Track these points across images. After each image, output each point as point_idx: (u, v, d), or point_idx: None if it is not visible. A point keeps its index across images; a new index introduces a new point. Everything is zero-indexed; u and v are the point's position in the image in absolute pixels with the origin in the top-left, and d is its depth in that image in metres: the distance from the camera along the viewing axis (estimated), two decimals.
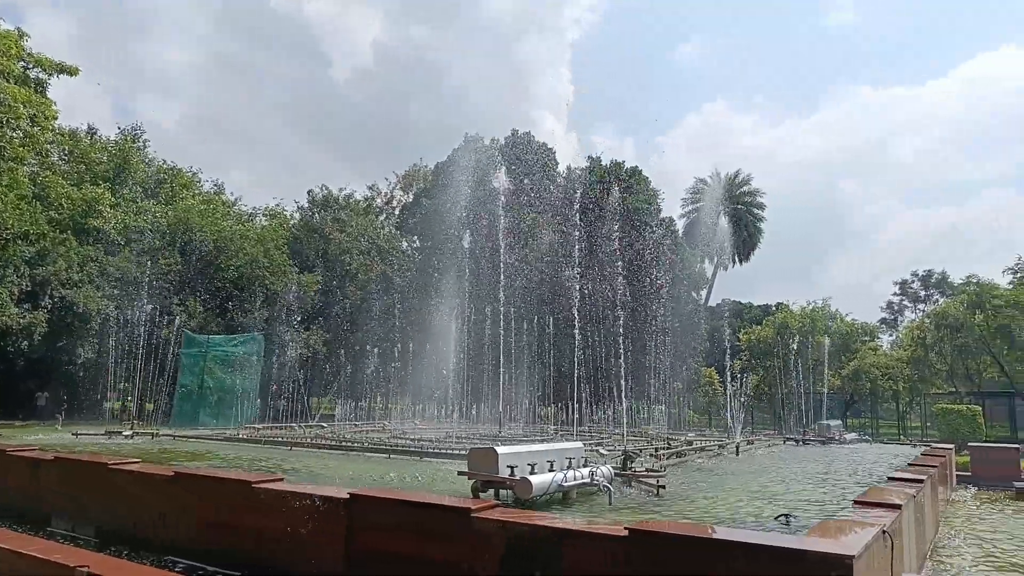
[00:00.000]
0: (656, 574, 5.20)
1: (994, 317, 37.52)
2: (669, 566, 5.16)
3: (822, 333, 44.29)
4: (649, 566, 5.23)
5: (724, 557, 4.97)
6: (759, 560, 4.84)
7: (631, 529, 5.32)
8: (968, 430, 28.77)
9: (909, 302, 66.52)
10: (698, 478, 11.76)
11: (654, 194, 46.94)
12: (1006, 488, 17.88)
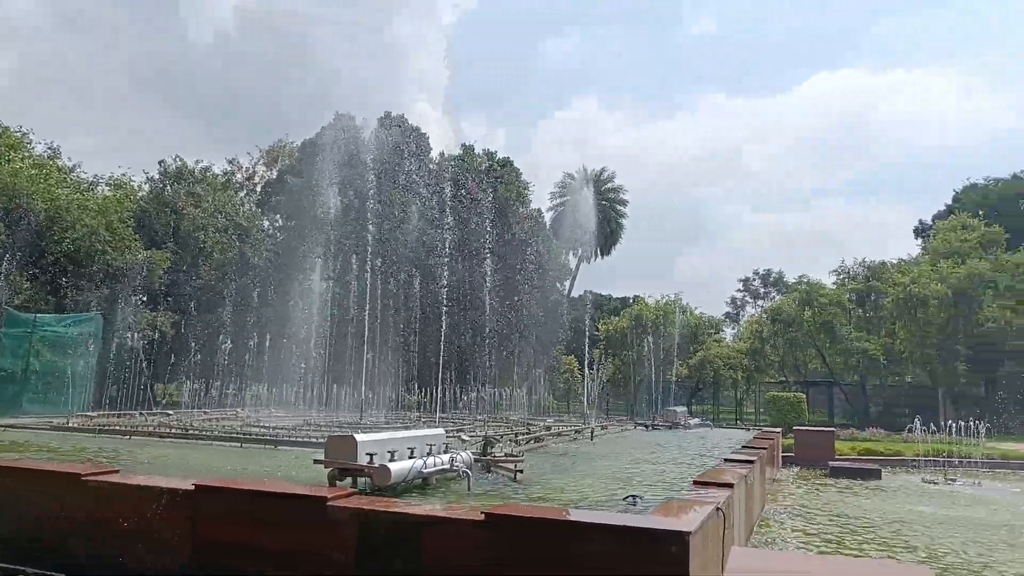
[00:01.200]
0: (512, 556, 5.35)
1: (820, 314, 41.72)
2: (525, 548, 5.32)
3: (673, 325, 47.26)
4: (506, 549, 5.37)
5: (575, 537, 5.21)
6: (607, 539, 5.11)
7: (488, 513, 5.43)
8: (794, 416, 31.77)
9: (750, 298, 72.42)
10: (555, 462, 12.18)
11: (524, 186, 47.82)
12: (822, 467, 19.98)
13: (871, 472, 18.99)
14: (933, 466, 20.23)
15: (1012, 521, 12.86)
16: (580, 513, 5.80)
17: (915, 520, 12.70)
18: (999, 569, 9.18)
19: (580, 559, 5.11)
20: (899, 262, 46.40)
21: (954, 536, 11.31)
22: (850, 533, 11.50)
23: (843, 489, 16.71)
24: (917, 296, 37.72)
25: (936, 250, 43.75)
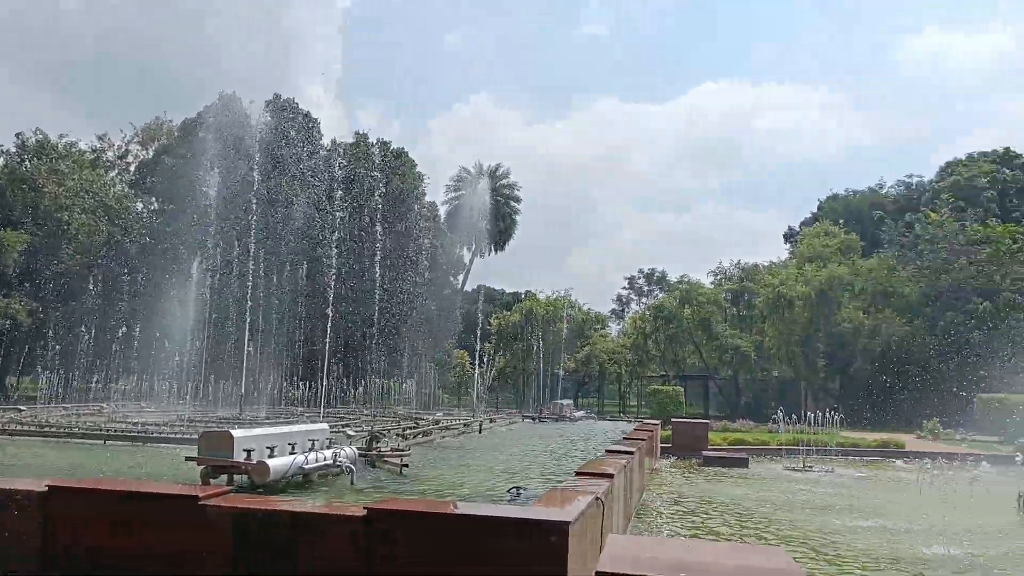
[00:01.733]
0: (394, 551, 5.30)
1: (698, 312, 44.05)
2: (407, 543, 5.28)
3: (563, 321, 48.43)
4: (387, 544, 5.31)
5: (457, 530, 5.23)
6: (489, 531, 5.16)
7: (369, 508, 5.35)
8: (673, 408, 33.39)
9: (635, 296, 75.22)
10: (442, 456, 12.20)
11: (419, 178, 47.37)
12: (697, 457, 21.12)
13: (740, 461, 20.28)
14: (794, 454, 21.82)
15: (853, 503, 14.13)
16: (462, 506, 5.84)
17: (775, 503, 13.70)
18: (839, 542, 10.09)
19: (461, 552, 5.14)
20: (770, 265, 49.82)
21: (804, 515, 12.30)
22: (717, 517, 12.26)
23: (714, 477, 17.75)
24: (785, 297, 40.59)
25: (802, 254, 47.22)
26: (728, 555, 4.66)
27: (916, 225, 45.27)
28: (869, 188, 63.46)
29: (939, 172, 58.10)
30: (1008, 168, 55.66)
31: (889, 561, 9.38)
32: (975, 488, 14.98)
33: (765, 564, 4.19)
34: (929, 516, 12.80)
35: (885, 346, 38.68)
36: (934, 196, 51.45)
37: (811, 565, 9.15)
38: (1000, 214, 48.18)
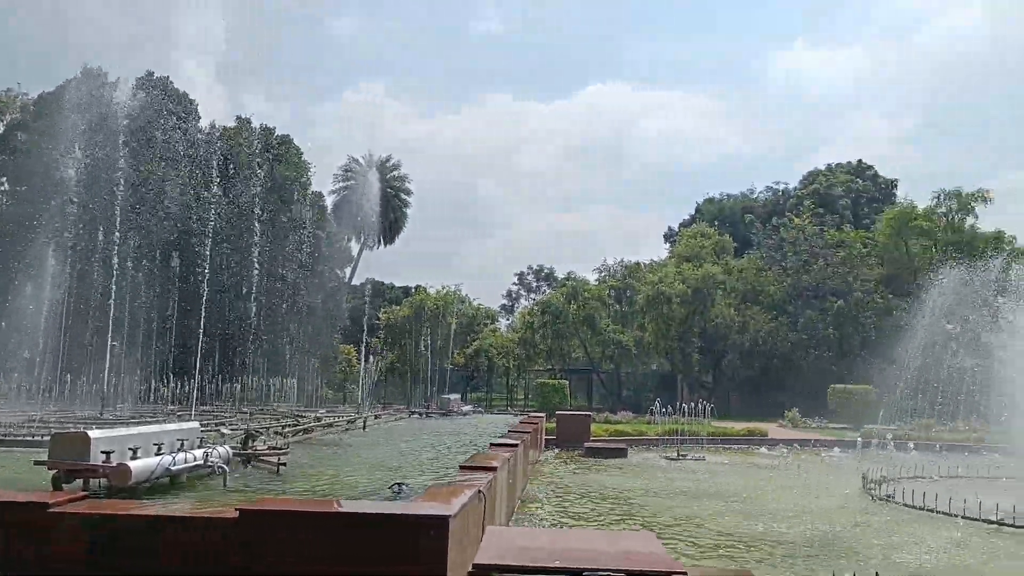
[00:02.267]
0: (269, 553, 5.11)
1: (583, 308, 45.34)
2: (282, 544, 5.11)
3: (453, 315, 48.42)
4: (261, 546, 5.11)
5: (335, 529, 5.12)
6: (368, 528, 5.09)
7: (241, 510, 5.13)
8: (558, 401, 34.22)
9: (524, 291, 76.35)
10: (324, 454, 11.89)
11: (305, 166, 45.79)
12: (580, 448, 21.74)
13: (619, 451, 21.09)
14: (670, 444, 22.95)
15: (720, 489, 15.07)
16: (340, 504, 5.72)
17: (650, 490, 14.37)
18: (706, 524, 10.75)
19: (340, 550, 5.04)
20: (651, 263, 52.05)
21: (676, 501, 13.00)
22: (597, 505, 12.70)
23: (595, 467, 18.36)
24: (663, 294, 42.55)
25: (680, 254, 49.66)
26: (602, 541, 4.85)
27: (781, 229, 48.76)
28: (741, 193, 67.70)
29: (802, 180, 62.87)
30: (861, 179, 61.12)
31: (749, 539, 10.08)
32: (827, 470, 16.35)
33: (635, 548, 4.39)
34: (786, 498, 13.87)
35: (753, 341, 41.40)
36: (798, 202, 55.64)
37: (679, 546, 9.68)
38: (853, 221, 52.84)
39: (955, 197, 40.93)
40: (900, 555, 9.33)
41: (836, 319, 39.36)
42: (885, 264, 42.26)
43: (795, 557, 9.12)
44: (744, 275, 45.50)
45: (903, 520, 11.68)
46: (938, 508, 11.80)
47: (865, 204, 57.57)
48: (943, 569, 8.58)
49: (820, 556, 9.15)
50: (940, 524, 11.25)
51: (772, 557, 9.22)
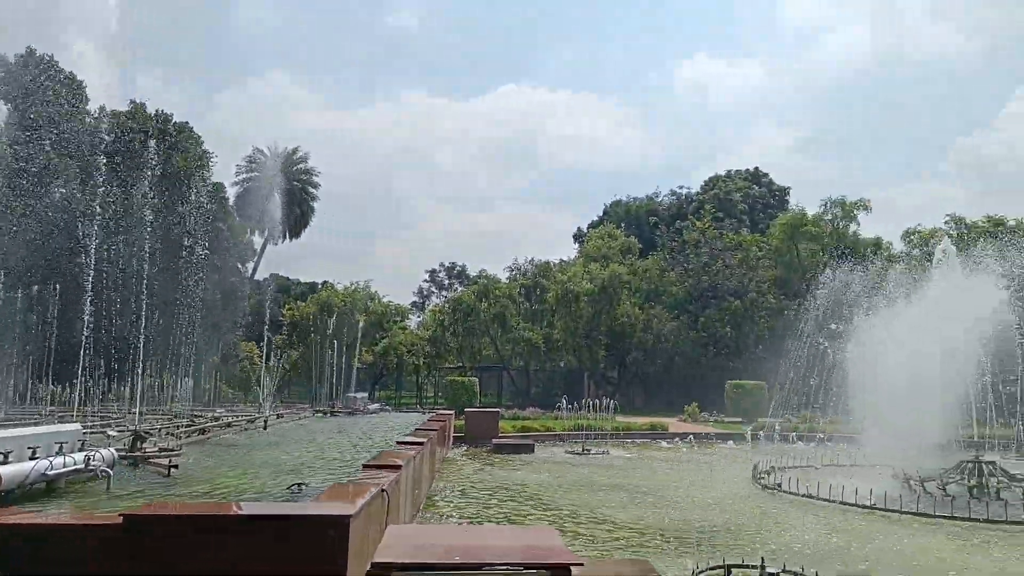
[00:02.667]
0: (158, 560, 4.86)
1: (494, 305, 45.58)
2: (171, 550, 4.87)
3: (362, 312, 47.52)
4: (149, 553, 4.85)
5: (229, 532, 4.93)
6: (265, 530, 4.93)
7: (126, 515, 4.86)
8: (467, 398, 34.24)
9: (436, 289, 75.94)
10: (221, 454, 11.42)
11: (205, 155, 43.69)
12: (488, 445, 21.86)
13: (526, 447, 21.35)
14: (575, 439, 23.44)
15: (620, 481, 15.54)
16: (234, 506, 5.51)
17: (554, 485, 14.63)
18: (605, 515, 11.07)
19: (236, 554, 4.85)
20: (560, 262, 52.95)
21: (578, 495, 13.30)
22: (503, 501, 12.82)
23: (503, 463, 18.51)
24: (572, 292, 43.42)
25: (588, 254, 50.78)
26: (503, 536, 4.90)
27: (684, 232, 50.76)
28: (647, 196, 69.86)
29: (704, 185, 65.62)
30: (758, 185, 64.44)
31: (647, 529, 10.45)
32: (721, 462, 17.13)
33: (535, 542, 4.46)
34: (683, 489, 14.46)
35: (656, 339, 42.90)
36: (699, 207, 58.03)
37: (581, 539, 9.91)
38: (750, 225, 55.65)
39: (840, 205, 43.90)
40: (786, 540, 9.92)
41: (733, 318, 41.36)
42: (778, 267, 44.77)
43: (690, 545, 9.54)
44: (648, 275, 47.03)
45: (789, 507, 12.43)
46: (820, 495, 12.63)
47: (761, 210, 60.73)
48: (824, 551, 9.18)
49: (713, 543, 9.60)
50: (821, 510, 12.05)
51: (669, 545, 9.60)
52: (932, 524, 10.96)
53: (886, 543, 9.78)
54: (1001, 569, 8.54)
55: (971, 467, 13.11)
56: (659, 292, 46.04)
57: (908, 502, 11.62)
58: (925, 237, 39.08)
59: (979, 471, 12.96)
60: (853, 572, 8.13)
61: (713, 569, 7.77)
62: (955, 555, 9.22)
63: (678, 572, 7.93)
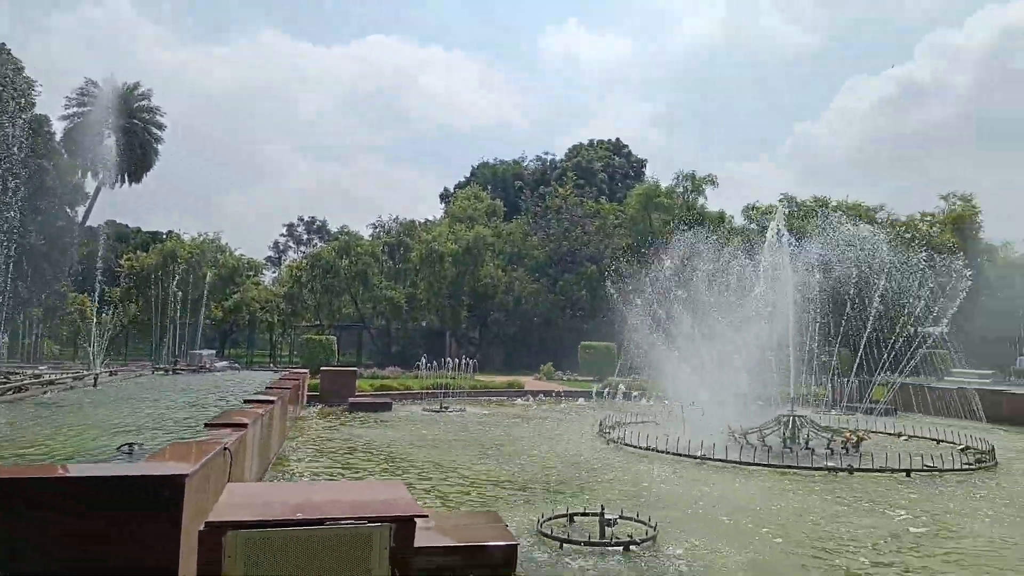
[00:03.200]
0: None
1: (356, 263, 44.49)
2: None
3: (210, 265, 44.66)
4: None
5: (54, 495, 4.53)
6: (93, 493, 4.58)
7: None
8: (325, 357, 33.42)
9: (293, 243, 72.98)
10: (41, 415, 10.41)
11: (28, 84, 38.67)
12: (344, 404, 21.54)
13: (384, 405, 21.27)
14: (434, 397, 23.64)
15: (476, 437, 15.93)
16: (59, 468, 5.07)
17: (409, 442, 14.73)
18: (460, 471, 11.34)
19: (60, 519, 4.47)
20: (425, 222, 52.51)
21: (433, 451, 13.51)
22: (355, 458, 12.73)
23: (358, 422, 18.32)
24: (437, 252, 43.27)
25: (454, 214, 50.71)
26: (350, 492, 4.87)
27: (546, 197, 51.91)
28: (514, 160, 70.62)
29: (567, 153, 67.29)
30: (618, 156, 67.01)
31: (499, 482, 10.82)
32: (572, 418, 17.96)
33: (382, 496, 4.47)
34: (535, 443, 15.06)
35: (517, 301, 43.89)
36: (562, 173, 59.51)
37: (433, 493, 10.08)
38: (609, 194, 57.90)
39: (690, 179, 46.69)
40: (626, 489, 10.64)
41: (589, 283, 43.10)
42: (633, 235, 47.03)
43: (539, 495, 9.98)
44: (512, 238, 47.79)
45: (630, 459, 13.32)
46: (658, 448, 13.65)
47: (620, 180, 63.32)
48: (658, 498, 9.95)
49: (560, 493, 10.11)
50: (658, 461, 13.02)
51: (518, 496, 9.99)
52: (752, 471, 12.18)
53: (712, 489, 10.75)
54: (805, 507, 9.66)
55: (786, 421, 14.66)
56: (522, 255, 46.97)
57: (733, 453, 12.82)
58: (762, 212, 42.57)
59: (793, 424, 14.52)
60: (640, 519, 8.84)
61: (557, 517, 8.20)
62: (767, 497, 10.33)
63: (525, 521, 8.30)
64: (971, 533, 8.55)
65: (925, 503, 10.11)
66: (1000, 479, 12.20)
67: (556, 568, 6.80)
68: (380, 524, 3.71)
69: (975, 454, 13.87)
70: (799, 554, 7.48)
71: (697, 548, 7.50)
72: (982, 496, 10.77)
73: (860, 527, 8.61)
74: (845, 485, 11.28)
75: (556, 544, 7.36)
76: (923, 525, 8.84)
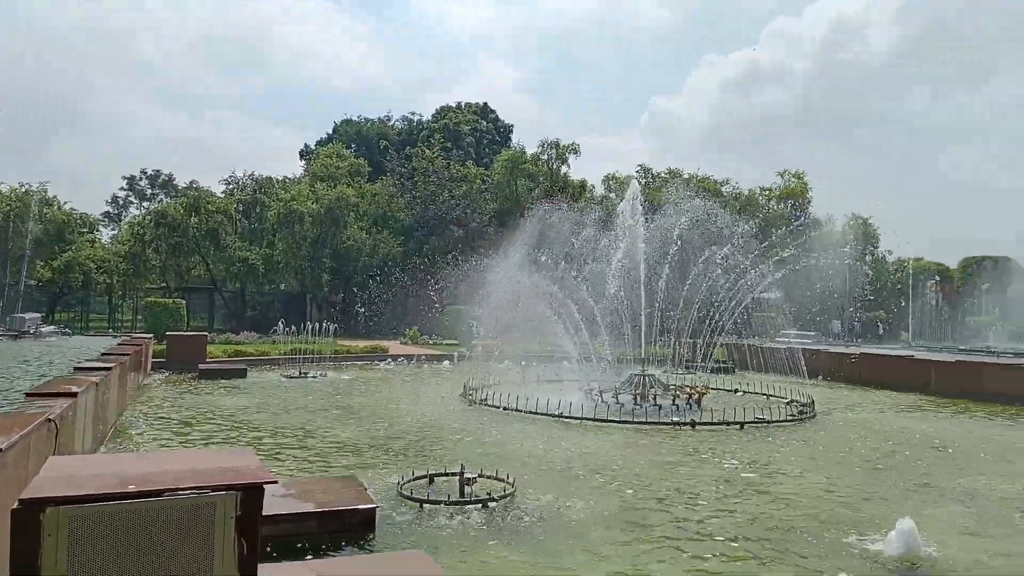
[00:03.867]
0: None
1: (207, 221, 41.57)
2: None
3: (35, 220, 40.07)
4: None
5: None
6: None
7: None
8: (172, 321, 31.11)
9: (135, 199, 67.06)
10: None
11: None
12: (194, 370, 20.28)
13: (238, 372, 20.26)
14: (293, 363, 22.81)
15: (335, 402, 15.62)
16: None
17: (265, 409, 14.16)
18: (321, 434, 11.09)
19: None
20: (284, 179, 49.88)
21: (292, 416, 13.09)
22: (206, 426, 12.06)
23: (210, 389, 17.34)
24: (296, 212, 41.35)
25: (315, 173, 48.60)
26: (191, 460, 4.56)
27: (413, 159, 50.95)
28: (379, 119, 68.59)
29: (435, 114, 66.27)
30: (485, 120, 66.91)
31: (361, 445, 10.67)
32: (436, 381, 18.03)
33: (229, 464, 4.23)
34: (398, 406, 14.98)
35: (382, 264, 43.05)
36: (429, 135, 58.58)
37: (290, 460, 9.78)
38: (476, 158, 57.82)
39: (554, 147, 47.60)
40: (486, 448, 10.86)
41: (455, 246, 43.07)
42: (499, 200, 47.40)
43: (401, 457, 9.95)
44: (377, 200, 46.64)
45: (492, 419, 13.59)
46: (519, 408, 14.02)
47: (487, 144, 63.38)
48: (517, 455, 10.23)
49: (422, 455, 10.14)
50: (519, 420, 13.39)
51: (381, 459, 9.91)
52: (607, 428, 12.85)
53: (569, 445, 11.22)
54: (653, 460, 10.34)
55: (637, 380, 15.55)
56: (387, 217, 45.99)
57: (590, 411, 13.44)
58: (621, 183, 44.35)
59: (643, 383, 15.43)
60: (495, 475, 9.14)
61: (418, 479, 8.23)
62: (620, 451, 10.94)
63: (386, 484, 8.25)
64: (790, 475, 9.54)
65: (755, 452, 11.13)
66: (818, 428, 13.69)
67: (414, 528, 6.84)
68: (225, 493, 3.51)
69: (798, 407, 15.43)
70: (645, 504, 8.00)
71: (552, 502, 7.81)
72: (802, 443, 12.03)
73: (701, 477, 9.34)
74: (688, 438, 12.18)
75: (416, 505, 7.39)
76: (752, 471, 9.74)
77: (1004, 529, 7.41)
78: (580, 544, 6.50)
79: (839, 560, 6.24)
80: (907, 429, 13.76)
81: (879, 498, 8.39)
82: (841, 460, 10.68)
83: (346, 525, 6.52)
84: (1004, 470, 10.20)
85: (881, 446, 11.82)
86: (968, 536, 7.07)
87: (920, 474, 9.78)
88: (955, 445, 12.08)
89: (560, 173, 47.56)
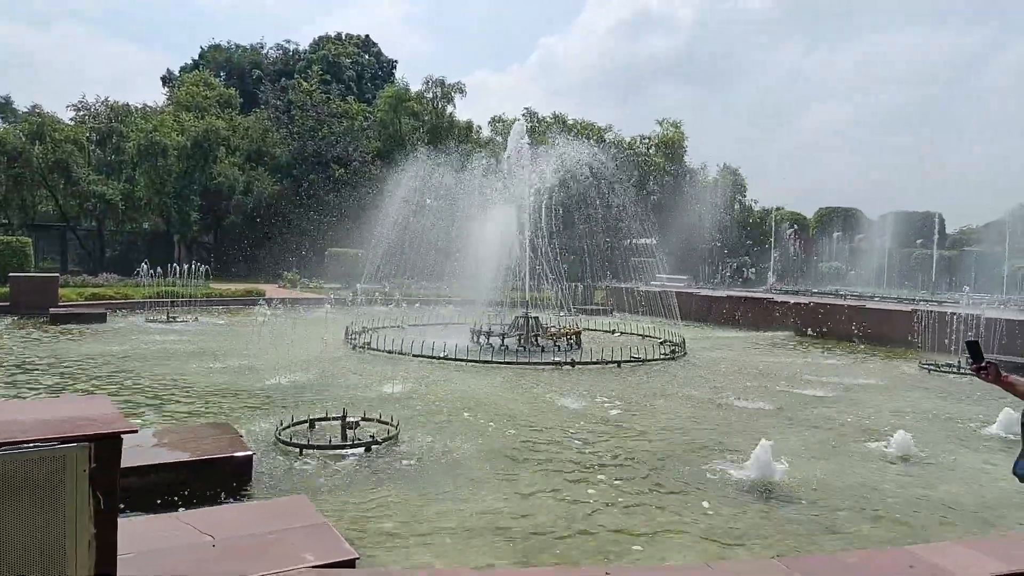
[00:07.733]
0: None
1: (54, 151, 37.52)
2: None
3: None
4: None
5: None
6: None
7: None
8: (17, 262, 28.20)
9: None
10: None
11: None
12: (44, 315, 18.57)
13: (96, 316, 18.74)
14: (160, 307, 21.39)
15: (207, 348, 14.86)
16: None
17: (128, 355, 13.23)
18: (190, 383, 10.53)
19: None
20: (144, 107, 45.59)
21: (157, 364, 12.32)
22: (52, 375, 11.12)
23: (63, 335, 15.98)
24: (159, 144, 38.11)
25: (180, 102, 44.84)
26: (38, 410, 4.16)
27: (290, 91, 48.07)
28: (251, 46, 63.93)
29: (313, 44, 62.58)
30: (367, 54, 64.01)
31: (235, 392, 10.22)
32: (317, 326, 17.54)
33: (80, 413, 3.88)
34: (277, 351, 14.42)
35: (257, 203, 40.78)
36: (307, 66, 55.33)
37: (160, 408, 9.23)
38: (357, 94, 55.41)
39: (440, 86, 46.36)
40: (370, 392, 10.72)
41: (336, 185, 41.44)
42: (381, 139, 45.85)
43: (280, 404, 9.62)
44: (250, 134, 43.88)
45: (376, 363, 13.43)
46: (402, 351, 13.92)
47: (369, 80, 60.81)
48: (401, 398, 10.19)
49: (302, 400, 9.86)
50: (404, 364, 13.29)
51: (257, 406, 9.55)
52: (492, 369, 13.03)
53: (455, 387, 11.30)
54: (534, 399, 10.62)
55: (522, 322, 15.81)
56: (262, 153, 43.38)
57: (475, 353, 13.55)
58: (507, 125, 44.05)
59: (527, 325, 15.72)
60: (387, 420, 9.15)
61: (297, 424, 8.01)
62: (503, 391, 11.15)
63: (263, 430, 7.98)
64: (661, 410, 10.13)
65: (629, 388, 11.69)
66: (688, 366, 14.56)
67: (294, 475, 6.67)
68: (76, 444, 3.21)
69: (670, 346, 16.32)
70: (526, 440, 8.22)
71: (434, 443, 7.86)
72: (673, 380, 12.77)
73: (577, 415, 9.69)
74: (569, 377, 12.60)
75: (296, 451, 7.20)
76: (627, 407, 10.24)
77: (840, 454, 8.26)
78: (462, 481, 6.60)
79: (704, 486, 6.71)
80: (770, 364, 14.94)
81: (740, 429, 9.07)
82: (709, 395, 11.43)
83: (221, 474, 6.25)
84: (849, 400, 11.32)
85: (746, 383, 12.76)
86: (813, 459, 7.81)
87: (777, 407, 10.67)
88: (808, 379, 13.24)
89: (446, 113, 46.53)
